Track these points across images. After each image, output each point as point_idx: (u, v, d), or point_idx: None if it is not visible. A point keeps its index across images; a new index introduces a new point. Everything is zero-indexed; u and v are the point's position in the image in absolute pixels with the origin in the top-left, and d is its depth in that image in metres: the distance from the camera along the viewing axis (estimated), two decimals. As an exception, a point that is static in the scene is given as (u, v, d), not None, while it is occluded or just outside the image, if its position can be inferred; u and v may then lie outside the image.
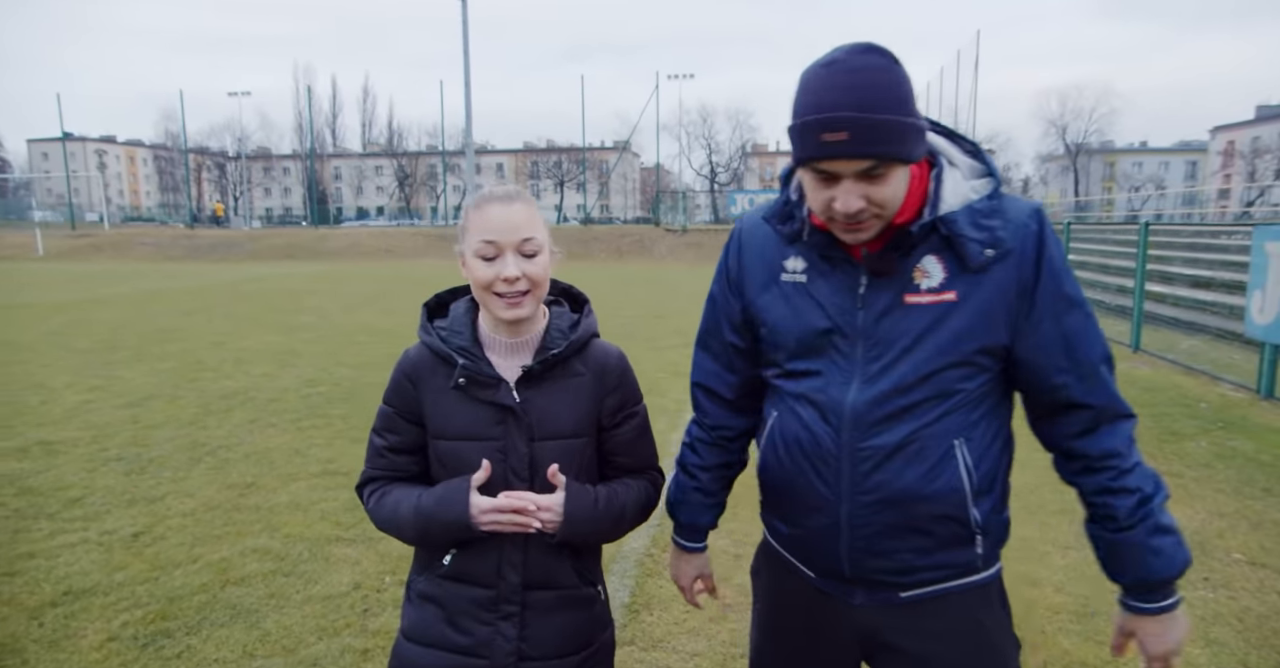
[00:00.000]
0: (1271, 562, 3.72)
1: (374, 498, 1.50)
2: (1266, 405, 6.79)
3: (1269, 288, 6.83)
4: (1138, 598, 1.35)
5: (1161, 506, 1.33)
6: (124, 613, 3.20)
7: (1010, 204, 1.30)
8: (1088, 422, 1.33)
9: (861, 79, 1.15)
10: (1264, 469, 5.10)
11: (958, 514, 1.32)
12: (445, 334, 1.47)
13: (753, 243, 1.45)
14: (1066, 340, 1.30)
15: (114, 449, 5.50)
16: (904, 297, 1.29)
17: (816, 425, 1.35)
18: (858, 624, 1.42)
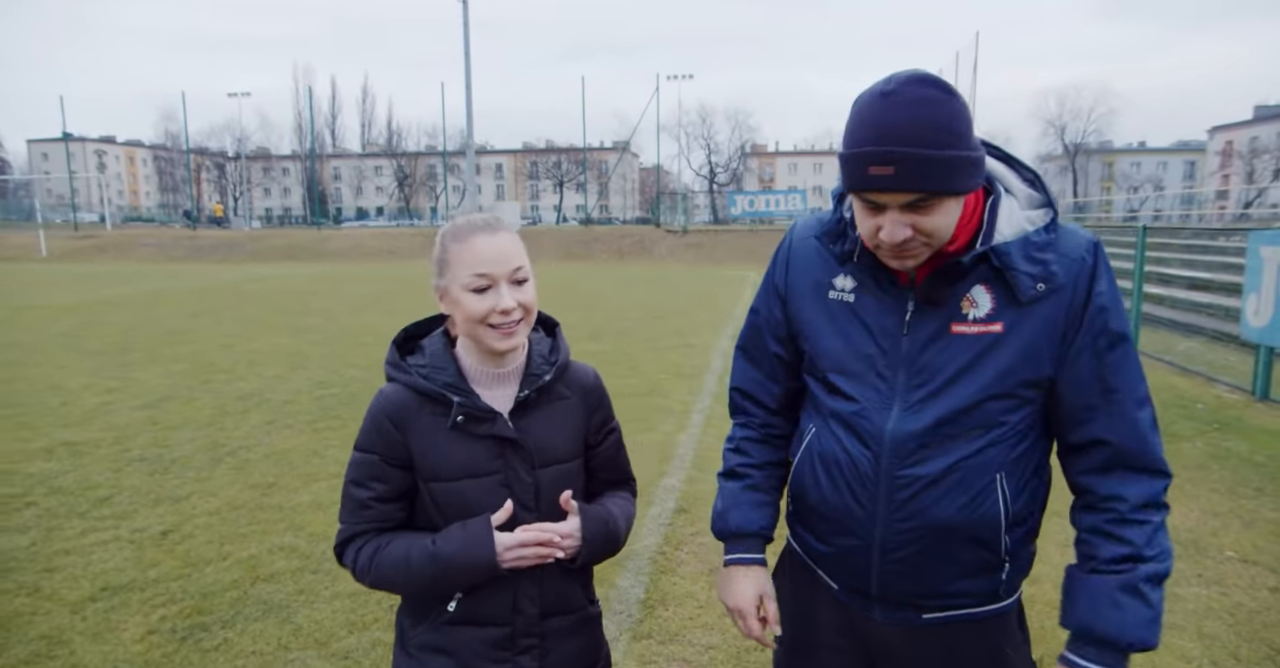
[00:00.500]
0: (1263, 560, 3.86)
1: (365, 554, 1.40)
2: (1261, 407, 6.93)
3: (1264, 291, 6.97)
4: (1076, 650, 1.28)
5: (1154, 575, 1.24)
6: (160, 608, 3.34)
7: (1067, 237, 1.28)
8: (1105, 459, 1.29)
9: (916, 113, 1.14)
10: (1258, 470, 5.24)
11: (990, 542, 1.31)
12: (426, 372, 1.41)
13: (802, 257, 1.43)
14: (1103, 376, 1.26)
15: (136, 450, 5.64)
16: (951, 325, 1.28)
17: (854, 449, 1.33)
18: (876, 639, 1.42)
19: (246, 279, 22.52)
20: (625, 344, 10.37)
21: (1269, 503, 4.63)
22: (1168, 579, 1.25)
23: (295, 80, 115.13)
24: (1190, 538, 4.12)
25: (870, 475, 1.31)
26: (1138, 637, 1.23)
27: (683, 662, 2.98)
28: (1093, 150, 71.99)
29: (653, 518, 4.37)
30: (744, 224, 37.88)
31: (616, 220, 65.89)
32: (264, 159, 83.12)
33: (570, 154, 71.36)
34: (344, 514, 1.43)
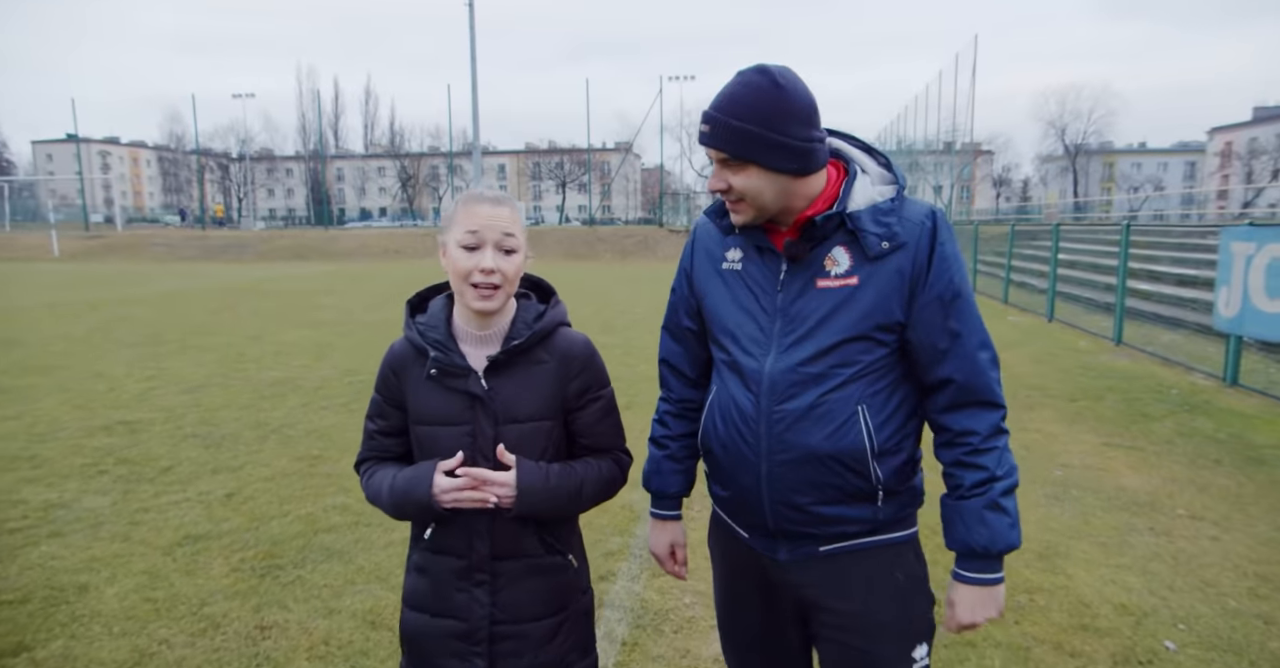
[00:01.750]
0: (1209, 516, 4.34)
1: (365, 476, 1.66)
2: (1231, 391, 7.40)
3: (1234, 284, 7.44)
4: (962, 566, 1.50)
5: (1006, 490, 1.47)
6: (239, 552, 3.82)
7: (910, 206, 1.49)
8: (953, 397, 1.48)
9: (737, 91, 1.40)
10: (1218, 445, 5.71)
11: (860, 469, 1.47)
12: (423, 328, 1.59)
13: (703, 238, 1.67)
14: (948, 322, 1.46)
15: (188, 427, 6.13)
16: (816, 281, 1.48)
17: (740, 393, 1.52)
18: (787, 581, 1.58)
19: (259, 278, 23.02)
20: (635, 336, 10.85)
21: (1224, 472, 5.10)
22: (1016, 488, 1.49)
23: (299, 82, 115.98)
24: (1149, 499, 4.60)
25: (753, 414, 1.49)
26: (1005, 542, 1.46)
27: (696, 595, 3.45)
28: (1093, 151, 72.34)
29: (665, 483, 4.85)
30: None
31: (619, 221, 66.34)
32: (268, 160, 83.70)
33: (573, 155, 71.82)
34: (362, 441, 1.72)
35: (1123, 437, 5.95)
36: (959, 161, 35.65)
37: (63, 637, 3.01)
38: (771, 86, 1.38)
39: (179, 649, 2.94)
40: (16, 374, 8.23)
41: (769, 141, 1.39)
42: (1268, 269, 6.92)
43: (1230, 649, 2.95)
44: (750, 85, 1.39)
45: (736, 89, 1.40)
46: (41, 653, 2.90)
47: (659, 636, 3.09)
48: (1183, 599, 3.35)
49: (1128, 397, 7.27)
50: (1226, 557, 3.79)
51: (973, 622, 1.49)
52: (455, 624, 1.58)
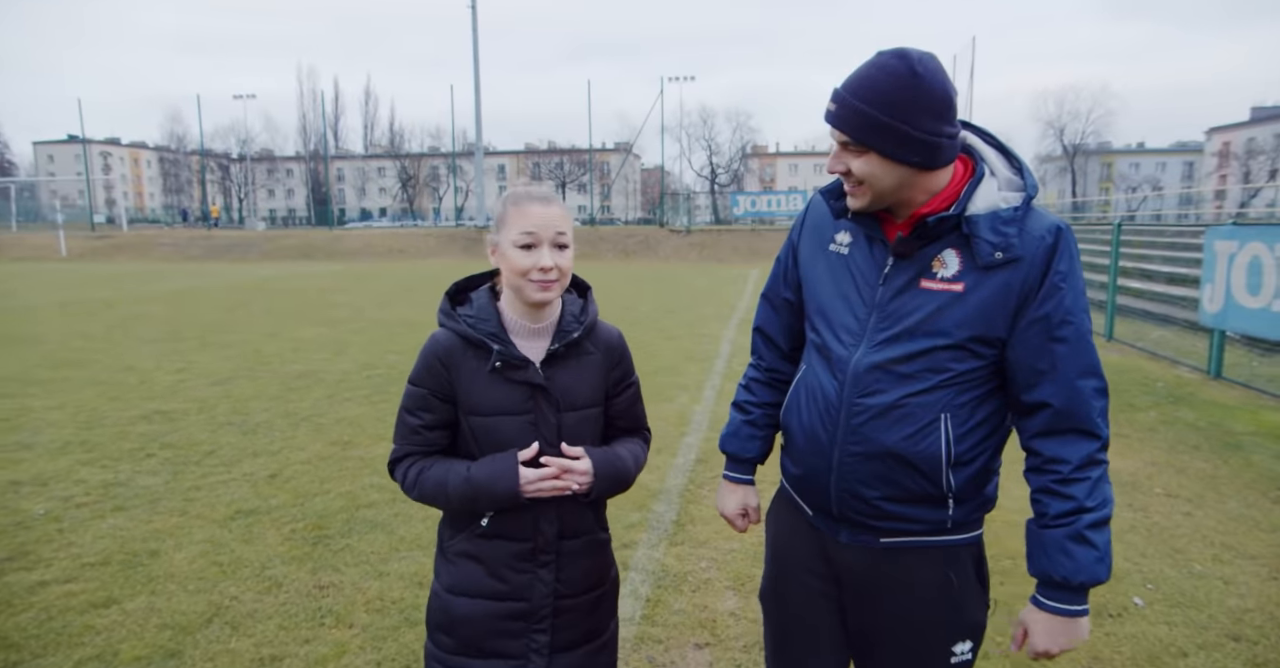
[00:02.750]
0: (1184, 495, 4.67)
1: (413, 472, 1.65)
2: (1214, 384, 7.74)
3: (1217, 281, 7.78)
4: (1042, 593, 1.47)
5: (1095, 523, 1.41)
6: (289, 524, 4.16)
7: (1035, 217, 1.43)
8: (1048, 422, 1.43)
9: (870, 73, 1.35)
10: (1199, 432, 6.05)
11: (932, 476, 1.46)
12: (473, 321, 1.62)
13: (815, 215, 1.65)
14: (1053, 347, 1.41)
15: (222, 416, 6.46)
16: (920, 281, 1.45)
17: (826, 378, 1.53)
18: (843, 561, 1.60)
19: (267, 277, 23.35)
20: (640, 333, 11.17)
21: (1201, 457, 5.44)
22: (1109, 522, 1.44)
23: (299, 82, 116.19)
24: (1130, 480, 4.93)
25: (835, 402, 1.50)
26: (1089, 576, 1.41)
27: (710, 560, 3.78)
28: (1091, 151, 72.68)
29: (678, 467, 5.19)
30: (746, 224, 38.66)
31: (619, 221, 66.68)
32: (268, 161, 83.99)
33: (572, 155, 72.19)
34: (397, 437, 1.70)
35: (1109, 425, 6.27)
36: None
37: (144, 593, 3.35)
38: (908, 74, 1.32)
39: (249, 604, 3.28)
40: (50, 368, 8.56)
41: (895, 131, 1.34)
42: (1249, 267, 7.25)
43: (1192, 605, 3.28)
44: (885, 69, 1.34)
45: (871, 71, 1.35)
46: (130, 605, 3.24)
47: (679, 594, 3.42)
48: (1153, 564, 3.69)
49: (1115, 389, 7.57)
50: (1196, 529, 4.12)
51: (1048, 651, 1.47)
52: (516, 606, 1.63)
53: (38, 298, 16.61)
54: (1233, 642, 2.99)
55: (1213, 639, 3.00)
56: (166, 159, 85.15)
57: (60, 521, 4.16)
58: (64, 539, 3.92)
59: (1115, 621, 3.15)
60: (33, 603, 3.25)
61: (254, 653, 2.90)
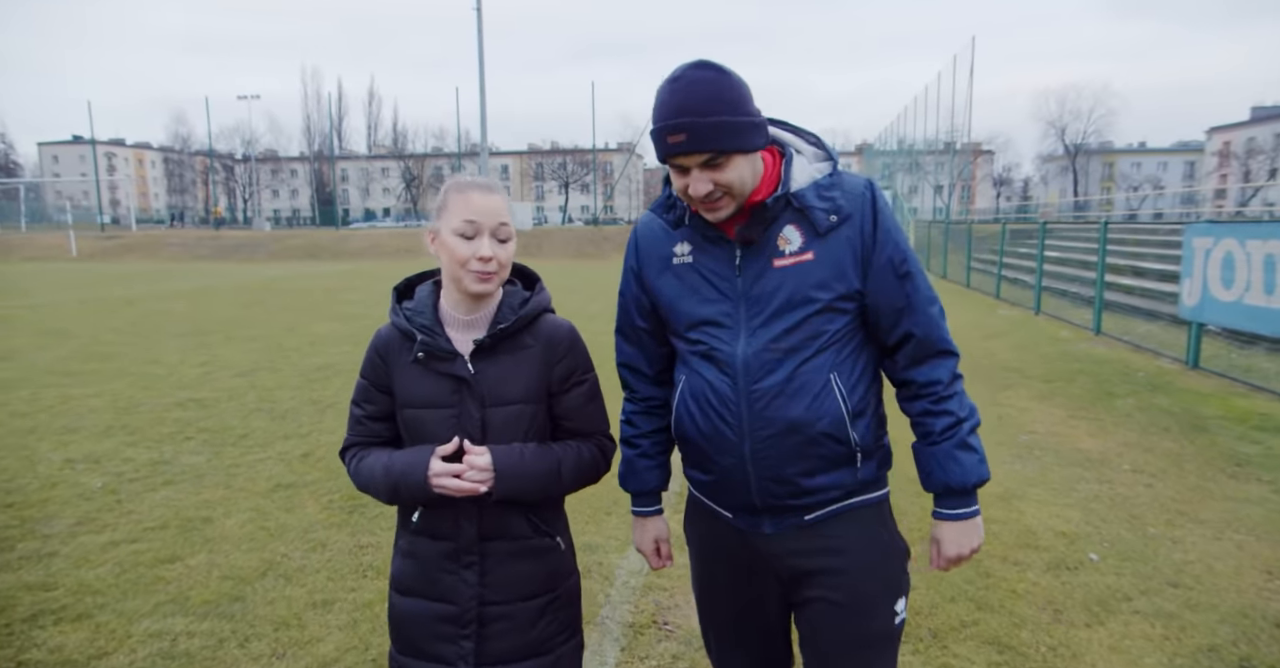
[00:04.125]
0: (1149, 470, 5.05)
1: (354, 461, 1.65)
2: (1192, 374, 8.10)
3: (1195, 275, 8.15)
4: (941, 505, 1.60)
5: (971, 430, 1.57)
6: (325, 496, 4.55)
7: (847, 179, 1.55)
8: (915, 351, 1.56)
9: (694, 90, 1.40)
10: (1171, 417, 6.42)
11: (839, 435, 1.52)
12: (410, 314, 1.61)
13: (647, 237, 1.68)
14: (901, 284, 1.53)
15: (251, 403, 6.86)
16: (773, 261, 1.52)
17: (716, 378, 1.55)
18: (774, 553, 1.61)
19: (277, 277, 23.79)
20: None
21: (1170, 437, 5.81)
22: (979, 426, 1.60)
23: (304, 83, 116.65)
24: (1100, 458, 5.31)
25: (731, 397, 1.53)
26: (978, 476, 1.56)
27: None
28: (1093, 151, 72.99)
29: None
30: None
31: (621, 220, 67.10)
32: (272, 161, 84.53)
33: (575, 155, 72.59)
34: (348, 426, 1.71)
35: (1087, 411, 6.66)
36: (959, 162, 36.31)
37: (203, 552, 3.75)
38: (718, 73, 1.42)
39: (298, 560, 3.67)
40: (81, 360, 8.97)
41: (743, 125, 1.42)
42: (1223, 262, 7.63)
43: (1141, 560, 3.67)
44: (704, 80, 1.41)
45: (694, 88, 1.40)
46: (192, 561, 3.63)
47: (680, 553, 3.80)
48: (1111, 528, 4.07)
49: (1097, 379, 7.98)
50: (1156, 499, 4.50)
51: (959, 555, 1.60)
52: (444, 607, 1.60)
53: (58, 296, 17.05)
54: (1171, 588, 3.37)
55: (1154, 586, 3.38)
56: (171, 160, 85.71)
57: (117, 493, 4.56)
58: (123, 508, 4.32)
59: (1071, 572, 3.53)
60: (106, 559, 3.65)
61: (308, 598, 3.29)
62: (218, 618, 3.11)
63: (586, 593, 3.31)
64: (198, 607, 3.21)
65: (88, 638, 2.95)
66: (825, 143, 1.61)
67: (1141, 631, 3.02)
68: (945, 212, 34.61)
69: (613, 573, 3.56)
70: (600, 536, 3.97)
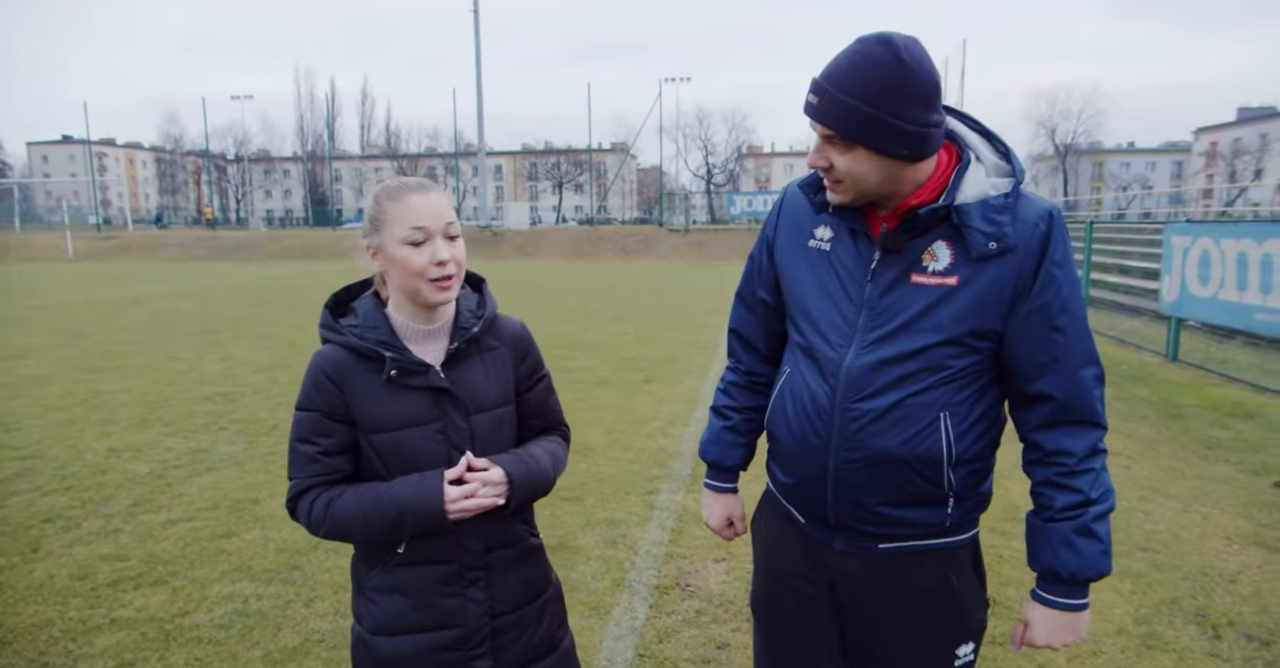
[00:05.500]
0: (1127, 453, 5.42)
1: (319, 505, 1.48)
2: (1171, 366, 8.50)
3: (1174, 272, 8.54)
4: (1044, 588, 1.42)
5: (1100, 515, 1.38)
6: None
7: (1026, 204, 1.35)
8: (1051, 415, 1.39)
9: (853, 62, 1.26)
10: (1150, 406, 6.80)
11: (933, 477, 1.40)
12: (359, 332, 1.49)
13: (791, 209, 1.55)
14: (1054, 338, 1.35)
15: (275, 397, 7.17)
16: (911, 275, 1.37)
17: (815, 383, 1.44)
18: (839, 569, 1.52)
19: (277, 277, 24.04)
20: (645, 326, 11.91)
21: (1147, 424, 6.19)
22: (1111, 513, 1.41)
23: (297, 83, 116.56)
24: (1081, 444, 5.67)
25: (827, 407, 1.42)
26: (1095, 570, 1.37)
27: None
28: (1083, 151, 73.62)
29: (689, 435, 5.91)
30: (743, 223, 39.46)
31: (615, 221, 67.47)
32: (265, 161, 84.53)
33: (569, 156, 72.93)
34: (293, 471, 1.51)
35: (1071, 401, 7.03)
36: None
37: (257, 528, 4.07)
38: (894, 61, 1.25)
39: (345, 535, 3.99)
40: (100, 358, 9.25)
41: (883, 125, 1.27)
42: (1200, 260, 8.01)
43: (1115, 529, 3.86)
44: (870, 58, 1.26)
45: (854, 60, 1.27)
46: (248, 536, 3.96)
47: (697, 526, 4.15)
48: (1090, 503, 4.43)
49: (1082, 371, 8.35)
50: (1131, 478, 4.87)
51: (1049, 645, 1.44)
52: (448, 634, 1.52)
53: (64, 296, 17.28)
54: (1141, 552, 3.73)
55: (1126, 551, 3.74)
56: (163, 160, 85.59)
57: (165, 478, 4.88)
58: (174, 491, 4.63)
59: (1051, 541, 3.89)
60: (169, 535, 3.97)
61: (359, 567, 3.62)
62: (281, 583, 3.44)
63: (614, 562, 3.69)
64: (260, 574, 3.53)
65: (168, 600, 3.28)
66: (1015, 156, 1.42)
67: (1112, 587, 3.37)
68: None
69: (636, 544, 3.89)
70: (622, 512, 4.30)
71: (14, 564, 3.60)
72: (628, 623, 3.13)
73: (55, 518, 4.18)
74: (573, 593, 3.35)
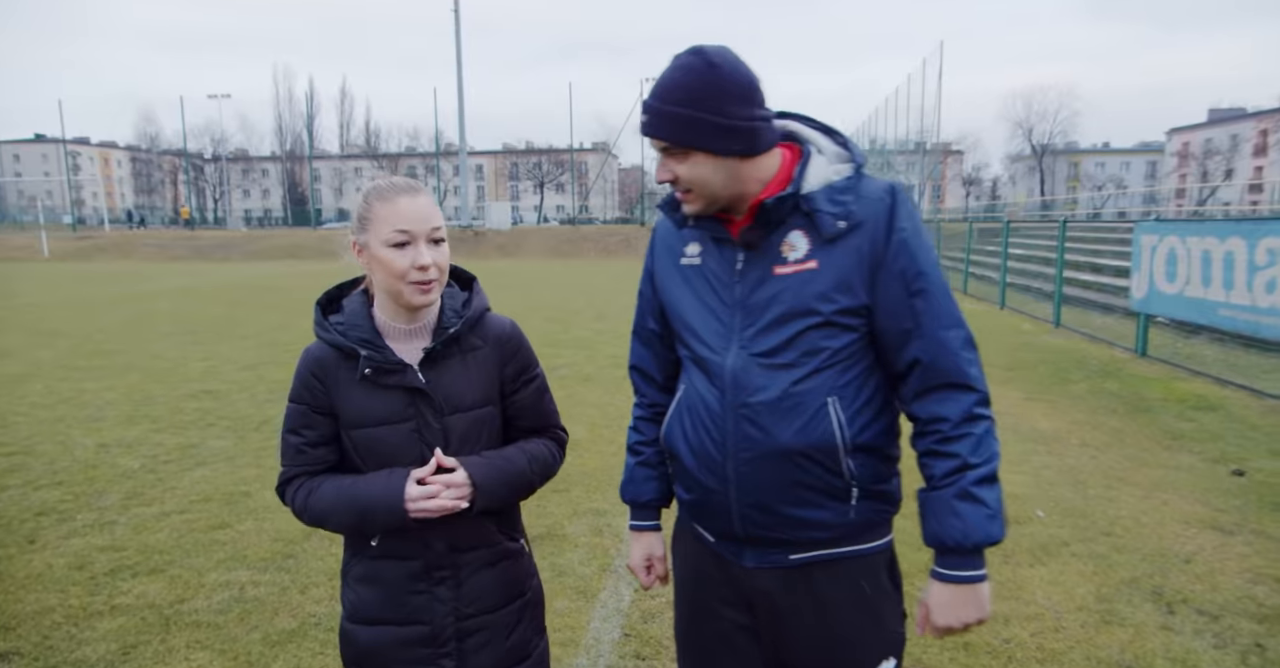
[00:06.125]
0: (1095, 444, 5.61)
1: (301, 494, 1.54)
2: (1140, 361, 8.74)
3: (1143, 270, 8.78)
4: (939, 563, 1.39)
5: (982, 478, 1.35)
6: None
7: (868, 183, 1.42)
8: (921, 381, 1.39)
9: (671, 76, 1.34)
10: (1119, 399, 7.02)
11: (831, 465, 1.39)
12: (343, 329, 1.52)
13: (663, 236, 1.61)
14: (913, 302, 1.38)
15: (261, 394, 7.23)
16: (774, 269, 1.42)
17: (705, 389, 1.46)
18: (752, 587, 1.51)
19: (255, 276, 23.93)
20: (627, 324, 11.83)
21: (1116, 417, 6.39)
22: (997, 477, 1.36)
23: (275, 82, 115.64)
24: (1052, 435, 5.87)
25: (718, 410, 1.43)
26: (982, 536, 1.33)
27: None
28: (1059, 151, 74.60)
29: (672, 429, 6.05)
30: (723, 223, 39.56)
31: (597, 220, 67.48)
32: (244, 161, 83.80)
33: (551, 155, 72.89)
34: (283, 460, 1.58)
35: (1044, 394, 7.24)
36: (929, 162, 37.22)
37: (250, 519, 4.15)
38: (706, 67, 1.33)
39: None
40: (84, 357, 9.25)
41: (709, 124, 1.34)
42: (1167, 258, 8.25)
43: (1080, 516, 4.20)
44: (685, 68, 1.34)
45: (673, 74, 1.35)
46: (241, 527, 4.04)
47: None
48: (1058, 490, 4.61)
49: (1055, 367, 8.58)
50: (1099, 468, 5.06)
51: (949, 626, 1.39)
52: (415, 630, 1.54)
53: (41, 297, 17.15)
54: (1104, 536, 3.91)
55: (1090, 535, 3.92)
56: (139, 159, 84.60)
57: (156, 472, 4.94)
58: (166, 485, 4.70)
59: (1020, 526, 4.06)
60: (163, 526, 4.05)
61: (352, 555, 3.72)
62: (276, 571, 3.53)
63: (600, 549, 3.81)
64: (256, 562, 3.62)
65: (166, 587, 3.36)
66: (852, 143, 1.49)
67: (1076, 568, 3.54)
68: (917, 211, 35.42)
69: (620, 532, 4.02)
70: (606, 502, 4.43)
71: (11, 555, 3.67)
72: (614, 605, 3.25)
73: (49, 511, 4.24)
74: (562, 578, 3.48)
